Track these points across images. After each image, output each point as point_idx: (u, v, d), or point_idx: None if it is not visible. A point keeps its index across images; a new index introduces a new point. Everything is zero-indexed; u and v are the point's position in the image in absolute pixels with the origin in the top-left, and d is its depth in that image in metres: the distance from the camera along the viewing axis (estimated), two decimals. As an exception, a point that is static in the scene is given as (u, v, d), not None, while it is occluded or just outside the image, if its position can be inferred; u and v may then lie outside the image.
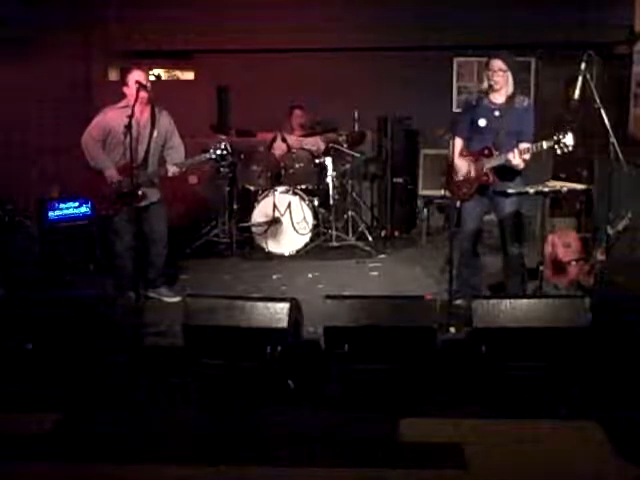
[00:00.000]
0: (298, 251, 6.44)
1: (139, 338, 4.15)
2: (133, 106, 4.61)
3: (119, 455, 3.24)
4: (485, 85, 4.55)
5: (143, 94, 4.77)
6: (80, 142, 4.95)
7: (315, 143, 7.06)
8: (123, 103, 4.94)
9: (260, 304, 3.78)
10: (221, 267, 6.19)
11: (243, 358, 3.72)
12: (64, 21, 7.34)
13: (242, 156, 6.68)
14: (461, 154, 4.64)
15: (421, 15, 7.31)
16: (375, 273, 6.00)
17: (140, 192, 4.88)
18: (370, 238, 6.77)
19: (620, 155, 4.12)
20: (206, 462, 3.16)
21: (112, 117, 4.91)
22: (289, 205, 6.43)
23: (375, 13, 7.36)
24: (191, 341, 3.82)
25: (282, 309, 3.73)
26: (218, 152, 4.99)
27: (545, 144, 4.19)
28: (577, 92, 4.19)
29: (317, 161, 6.67)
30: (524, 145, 4.39)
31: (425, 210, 7.16)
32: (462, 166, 4.63)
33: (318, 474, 3.08)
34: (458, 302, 4.58)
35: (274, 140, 7.01)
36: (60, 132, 7.00)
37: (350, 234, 6.74)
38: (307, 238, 6.45)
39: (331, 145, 6.77)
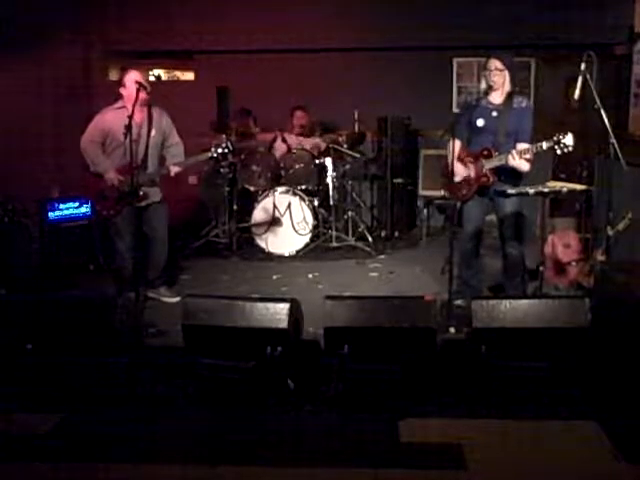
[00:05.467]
0: (298, 251, 6.44)
1: (139, 338, 4.15)
2: (133, 106, 4.61)
3: (119, 455, 3.24)
4: (484, 85, 4.55)
5: (143, 95, 4.77)
6: (80, 142, 4.96)
7: (315, 143, 7.06)
8: (119, 104, 4.94)
9: (260, 304, 3.78)
10: (221, 267, 6.20)
11: (243, 358, 3.72)
12: (64, 21, 7.34)
13: (242, 156, 6.69)
14: (460, 155, 4.63)
15: (421, 15, 7.31)
16: (375, 273, 6.00)
17: (141, 192, 4.89)
18: (370, 238, 6.77)
19: (620, 155, 4.12)
20: (206, 462, 3.16)
21: (109, 119, 4.91)
22: (289, 205, 6.44)
23: (375, 13, 7.36)
24: (191, 341, 3.82)
25: (282, 309, 3.73)
26: (220, 150, 4.99)
27: (545, 144, 4.19)
28: (577, 92, 4.19)
29: (317, 161, 6.67)
30: (523, 145, 4.38)
31: (425, 210, 7.16)
32: (461, 167, 4.62)
33: (318, 474, 3.08)
34: (458, 302, 4.58)
35: (274, 140, 7.02)
36: (60, 132, 7.00)
37: (350, 234, 6.74)
38: (307, 238, 6.45)
39: (331, 145, 6.77)
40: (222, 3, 7.46)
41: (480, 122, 4.53)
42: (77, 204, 5.97)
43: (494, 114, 4.53)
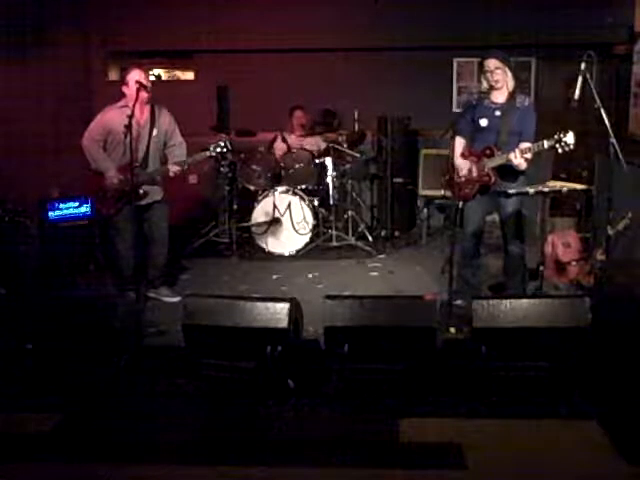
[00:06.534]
0: (298, 251, 6.44)
1: (139, 338, 4.15)
2: (133, 106, 4.61)
3: (119, 455, 3.24)
4: (485, 86, 4.54)
5: (143, 94, 4.77)
6: (80, 142, 4.96)
7: (315, 143, 7.06)
8: (122, 103, 4.94)
9: (260, 304, 3.78)
10: (221, 267, 6.19)
11: (243, 358, 3.72)
12: (64, 21, 7.34)
13: (242, 156, 6.69)
14: (463, 154, 4.63)
15: (421, 15, 7.32)
16: (375, 273, 6.00)
17: (141, 191, 4.89)
18: (370, 238, 6.77)
19: (620, 155, 4.12)
20: (206, 462, 3.16)
21: (112, 117, 4.91)
22: (289, 205, 6.43)
23: (375, 13, 7.37)
24: (191, 341, 3.81)
25: (282, 309, 3.73)
26: (218, 149, 4.99)
27: (546, 143, 4.19)
28: (577, 92, 4.19)
29: (317, 161, 6.67)
30: (525, 144, 4.39)
31: (425, 210, 7.15)
32: (464, 166, 4.62)
33: (318, 474, 3.08)
34: (458, 302, 4.58)
35: (274, 140, 7.02)
36: (60, 132, 7.00)
37: (350, 234, 6.74)
38: (307, 238, 6.45)
39: (331, 145, 6.77)
40: (222, 3, 7.47)
41: (484, 122, 4.53)
42: (77, 204, 5.97)
43: (497, 113, 4.52)
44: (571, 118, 6.35)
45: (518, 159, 4.34)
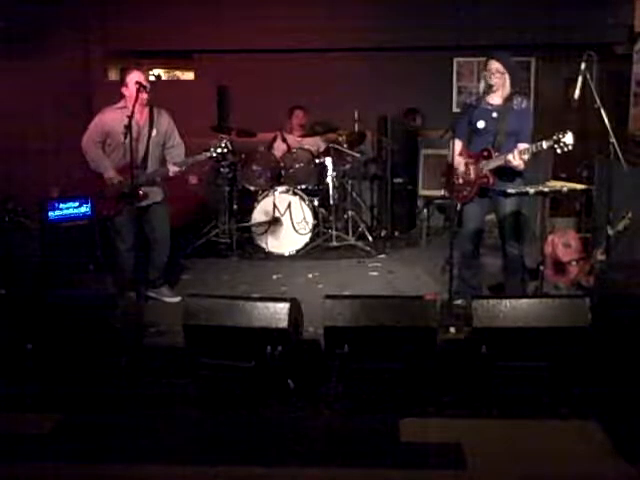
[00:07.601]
0: (298, 251, 6.44)
1: (139, 338, 4.15)
2: (133, 107, 4.61)
3: (119, 455, 3.24)
4: (483, 86, 4.54)
5: (143, 95, 4.77)
6: (80, 142, 4.96)
7: (315, 143, 7.06)
8: (121, 104, 4.94)
9: (260, 304, 3.78)
10: (221, 267, 6.20)
11: (243, 358, 3.72)
12: (64, 21, 7.35)
13: (242, 156, 6.69)
14: (460, 156, 4.63)
15: (421, 15, 7.32)
16: (375, 273, 6.00)
17: (141, 192, 4.89)
18: (370, 238, 6.77)
19: (620, 155, 4.12)
20: (206, 462, 3.16)
21: (111, 118, 4.91)
22: (289, 205, 6.44)
23: (375, 13, 7.37)
24: (191, 341, 3.82)
25: (282, 309, 3.72)
26: (219, 150, 4.99)
27: (545, 144, 4.19)
28: (577, 92, 4.19)
29: (317, 161, 6.67)
30: (523, 145, 4.39)
31: (425, 210, 7.15)
32: (462, 168, 4.62)
33: (318, 474, 3.08)
34: (458, 302, 4.58)
35: (274, 140, 7.02)
36: (60, 132, 7.01)
37: (350, 234, 6.74)
38: (307, 238, 6.45)
39: (331, 145, 6.77)
40: (222, 3, 7.47)
41: (481, 124, 4.53)
42: (77, 204, 5.96)
43: (494, 115, 4.52)
44: (571, 118, 6.35)
45: (517, 160, 4.34)
